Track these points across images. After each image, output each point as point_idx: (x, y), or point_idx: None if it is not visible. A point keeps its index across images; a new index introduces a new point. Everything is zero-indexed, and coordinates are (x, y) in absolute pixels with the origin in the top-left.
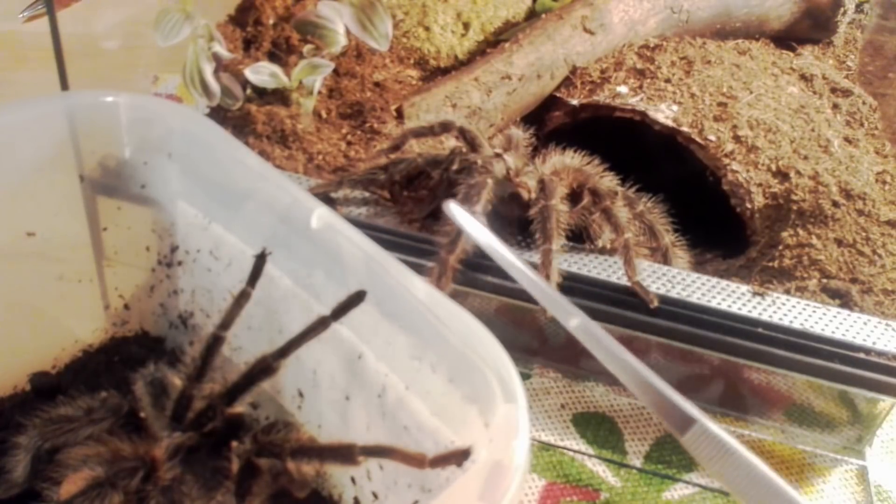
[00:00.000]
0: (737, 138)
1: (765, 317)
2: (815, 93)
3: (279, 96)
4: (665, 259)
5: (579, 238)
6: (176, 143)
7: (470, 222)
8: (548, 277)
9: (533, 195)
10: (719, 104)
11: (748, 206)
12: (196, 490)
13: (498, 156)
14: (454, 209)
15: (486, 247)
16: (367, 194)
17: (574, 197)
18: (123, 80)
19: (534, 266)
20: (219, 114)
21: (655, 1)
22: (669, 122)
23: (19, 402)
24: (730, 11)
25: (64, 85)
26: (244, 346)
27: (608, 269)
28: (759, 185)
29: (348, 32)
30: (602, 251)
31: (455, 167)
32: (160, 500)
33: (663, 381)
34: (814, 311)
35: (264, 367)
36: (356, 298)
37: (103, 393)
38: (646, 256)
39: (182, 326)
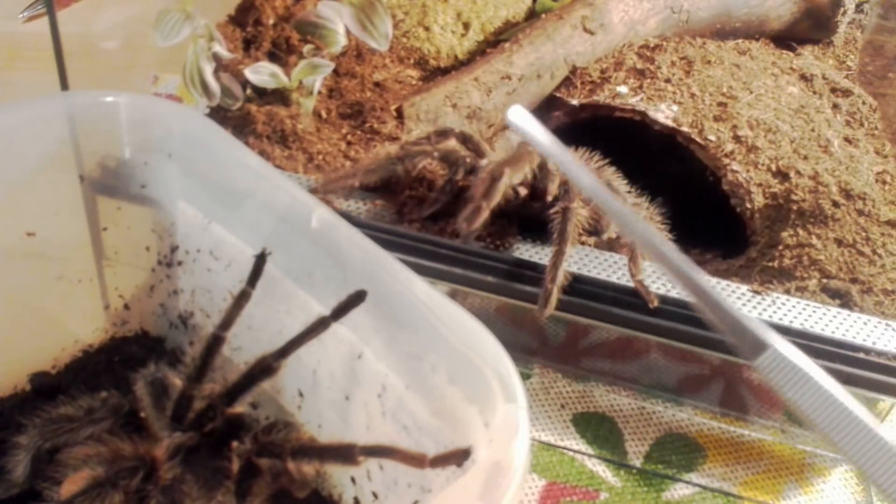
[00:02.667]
0: (737, 138)
1: (765, 317)
2: (815, 93)
3: (279, 96)
4: None
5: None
6: (176, 143)
7: (536, 128)
8: (555, 278)
9: (550, 196)
10: (719, 104)
11: (748, 206)
12: (196, 490)
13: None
14: (517, 113)
15: (552, 155)
16: (366, 194)
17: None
18: (123, 80)
19: (541, 266)
20: (219, 114)
21: (655, 1)
22: (669, 122)
23: (19, 402)
24: (730, 11)
25: (64, 85)
26: (244, 346)
27: (608, 269)
28: (759, 185)
29: (348, 32)
30: (602, 250)
31: (459, 177)
32: (160, 500)
33: (733, 304)
34: (814, 311)
35: (264, 367)
36: (356, 298)
37: (103, 393)
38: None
39: (182, 326)
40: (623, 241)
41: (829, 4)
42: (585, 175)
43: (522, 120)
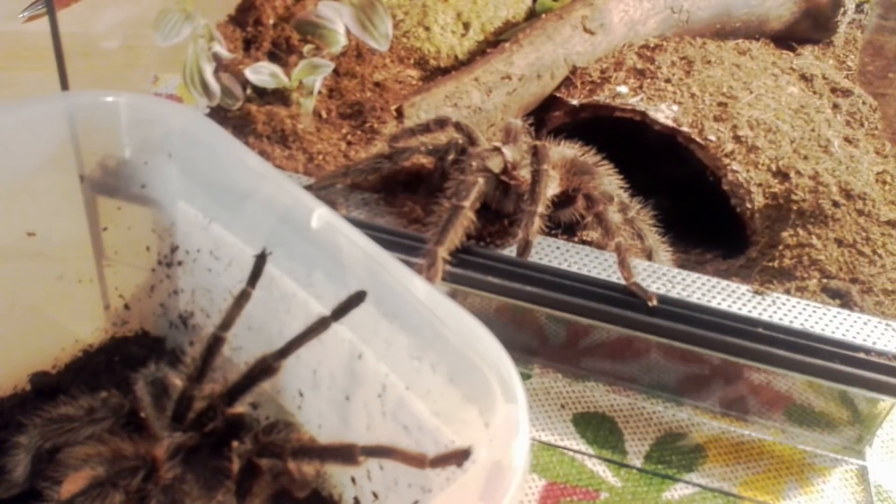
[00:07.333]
0: (737, 138)
1: (765, 317)
2: (815, 93)
3: (279, 96)
4: (649, 259)
5: (565, 228)
6: (176, 143)
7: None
8: (527, 238)
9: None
10: (719, 104)
11: (748, 206)
12: (197, 490)
13: (496, 149)
14: None
15: None
16: (366, 194)
17: (567, 199)
18: (123, 80)
19: (541, 267)
20: (219, 114)
21: (655, 1)
22: (669, 122)
23: (20, 402)
24: (730, 11)
25: (64, 85)
26: (244, 346)
27: (608, 269)
28: (760, 185)
29: (348, 32)
30: (602, 249)
31: (452, 157)
32: (161, 500)
33: None
34: (814, 311)
35: (264, 368)
36: (356, 298)
37: (104, 393)
38: (635, 254)
39: (182, 326)
40: (608, 248)
41: (829, 4)
42: None
43: None
